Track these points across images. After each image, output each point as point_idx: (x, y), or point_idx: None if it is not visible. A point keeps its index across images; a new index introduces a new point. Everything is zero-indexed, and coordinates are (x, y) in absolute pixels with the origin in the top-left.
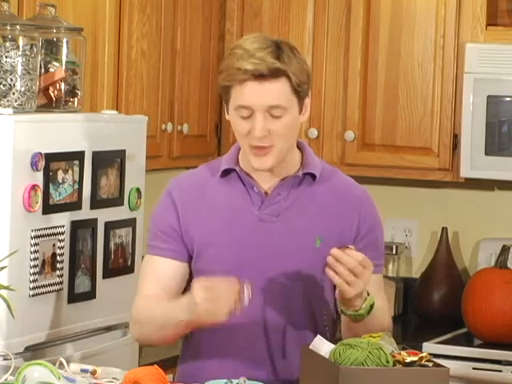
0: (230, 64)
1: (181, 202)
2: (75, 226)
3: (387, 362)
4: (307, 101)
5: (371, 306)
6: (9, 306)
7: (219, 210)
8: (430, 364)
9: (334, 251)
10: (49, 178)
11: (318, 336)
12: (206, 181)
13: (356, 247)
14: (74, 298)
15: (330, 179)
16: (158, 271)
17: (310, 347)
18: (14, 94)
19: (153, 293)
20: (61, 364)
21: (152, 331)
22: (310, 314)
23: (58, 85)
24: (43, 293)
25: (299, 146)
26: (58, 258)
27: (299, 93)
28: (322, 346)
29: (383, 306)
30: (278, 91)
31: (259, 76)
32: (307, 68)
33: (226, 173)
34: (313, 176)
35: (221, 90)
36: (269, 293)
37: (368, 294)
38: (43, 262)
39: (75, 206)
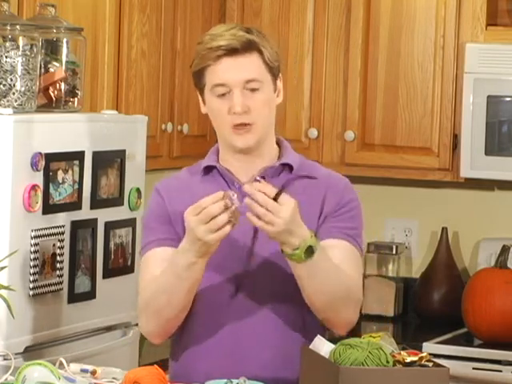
0: (201, 49)
1: (168, 198)
2: (75, 225)
3: (387, 361)
4: (280, 84)
5: (310, 248)
6: (9, 306)
7: None
8: (430, 364)
9: (246, 187)
10: (49, 178)
11: (318, 336)
12: (188, 181)
13: (331, 215)
14: (74, 297)
15: (308, 169)
16: (156, 260)
17: (310, 347)
18: (14, 94)
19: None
20: (61, 364)
21: (163, 301)
22: (297, 301)
23: (58, 85)
24: (43, 293)
25: (278, 143)
26: (58, 258)
27: (272, 69)
28: (322, 346)
29: (346, 269)
30: (252, 65)
31: (232, 51)
32: (277, 49)
33: (207, 171)
34: (290, 167)
35: (194, 80)
36: (254, 283)
37: (312, 237)
38: (43, 261)
39: (75, 206)
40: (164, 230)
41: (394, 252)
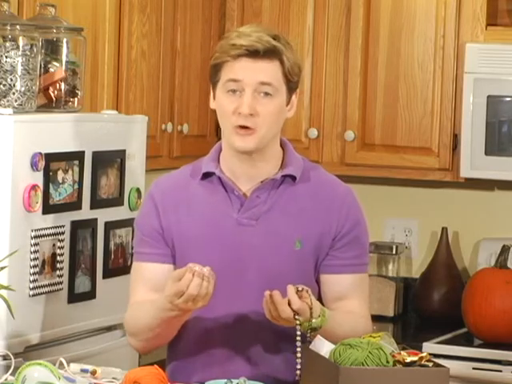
0: (224, 43)
1: (162, 204)
2: (75, 226)
3: (387, 361)
4: (295, 98)
5: (313, 329)
6: (9, 306)
7: (199, 214)
8: (430, 364)
9: (275, 295)
10: (49, 177)
11: (318, 336)
12: (186, 183)
13: (336, 245)
14: (73, 297)
15: (311, 179)
16: (146, 277)
17: (310, 347)
18: (14, 93)
19: (142, 299)
20: (61, 364)
21: (147, 337)
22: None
23: (58, 85)
24: (43, 293)
25: (281, 145)
26: (58, 258)
27: (289, 82)
28: (322, 346)
29: (357, 314)
30: (270, 70)
31: (254, 53)
32: (300, 63)
33: (207, 175)
34: (293, 177)
35: (211, 72)
36: (248, 296)
37: (320, 316)
38: (43, 261)
39: (75, 205)
40: (155, 245)
41: (394, 252)
